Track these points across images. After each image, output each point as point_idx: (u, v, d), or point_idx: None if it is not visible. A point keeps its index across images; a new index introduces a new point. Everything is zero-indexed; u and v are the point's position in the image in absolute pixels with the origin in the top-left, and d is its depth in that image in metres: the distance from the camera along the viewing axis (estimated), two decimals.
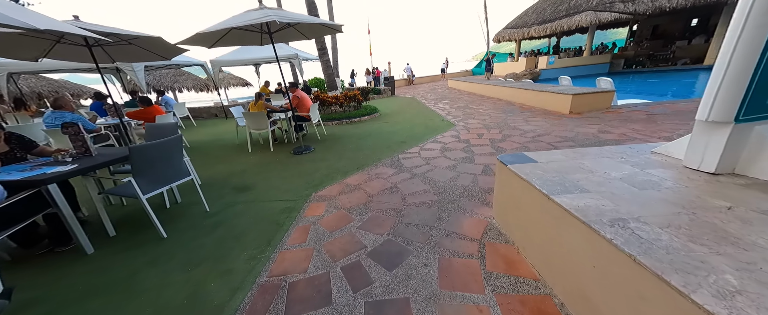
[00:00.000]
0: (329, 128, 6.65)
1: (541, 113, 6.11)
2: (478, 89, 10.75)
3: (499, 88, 8.82)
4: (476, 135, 4.94)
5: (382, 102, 10.98)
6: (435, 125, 6.04)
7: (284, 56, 8.15)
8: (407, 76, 20.14)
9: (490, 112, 6.94)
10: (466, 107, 7.96)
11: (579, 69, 14.52)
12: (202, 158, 4.86)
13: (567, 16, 13.77)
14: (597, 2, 12.85)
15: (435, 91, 13.20)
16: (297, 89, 5.31)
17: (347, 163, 4.11)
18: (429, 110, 8.08)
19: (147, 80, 10.72)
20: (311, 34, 4.79)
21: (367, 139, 5.34)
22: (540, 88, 6.88)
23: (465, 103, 8.79)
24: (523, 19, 17.14)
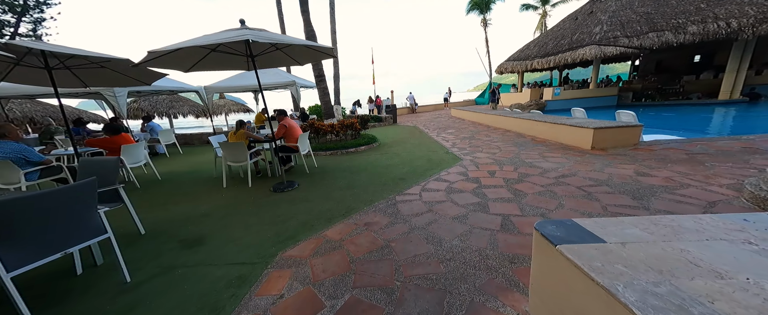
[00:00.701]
0: (322, 159, 6.04)
1: (558, 148, 5.46)
2: (483, 119, 10.29)
3: (507, 118, 8.32)
4: (487, 172, 4.24)
5: (383, 130, 10.52)
6: (439, 159, 5.39)
7: (282, 83, 7.89)
8: (410, 105, 20.10)
9: (499, 144, 6.32)
10: (472, 138, 7.38)
11: (586, 101, 14.19)
12: (165, 195, 4.19)
13: (570, 50, 13.79)
14: (600, 37, 12.89)
15: (438, 120, 12.82)
16: (285, 117, 4.80)
17: (333, 205, 3.40)
18: (432, 141, 7.51)
19: (142, 106, 10.55)
20: (303, 58, 4.39)
21: (361, 174, 4.67)
22: (554, 119, 6.32)
23: (470, 133, 8.24)
24: (526, 52, 17.37)
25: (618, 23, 12.97)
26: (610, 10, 13.88)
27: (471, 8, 22.94)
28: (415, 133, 9.15)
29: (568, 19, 16.55)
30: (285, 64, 4.61)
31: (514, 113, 8.79)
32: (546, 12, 25.04)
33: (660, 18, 11.95)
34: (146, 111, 10.06)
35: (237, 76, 8.17)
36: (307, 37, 6.65)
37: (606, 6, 14.38)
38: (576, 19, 15.72)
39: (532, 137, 6.74)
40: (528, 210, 2.86)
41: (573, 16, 16.38)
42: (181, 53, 3.25)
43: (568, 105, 14.64)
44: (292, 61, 4.45)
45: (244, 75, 8.41)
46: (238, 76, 8.23)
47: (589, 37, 13.38)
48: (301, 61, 4.54)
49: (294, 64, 4.62)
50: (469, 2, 22.93)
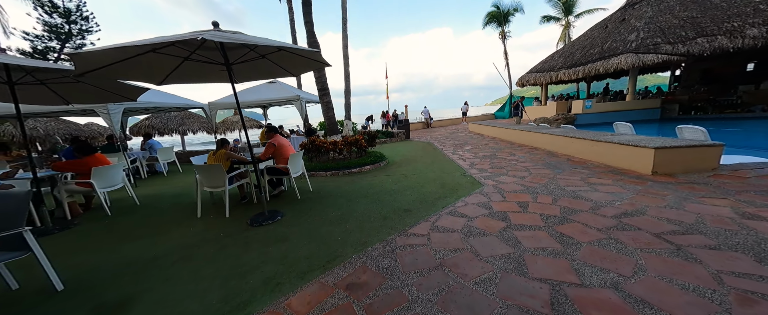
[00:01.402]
0: (320, 181, 5.35)
1: (606, 172, 4.40)
2: (505, 135, 9.28)
3: (535, 134, 7.30)
4: (517, 204, 3.31)
5: (394, 147, 9.78)
6: (454, 183, 4.51)
7: (285, 98, 7.51)
8: (424, 119, 19.37)
9: (527, 165, 5.33)
10: (494, 157, 6.42)
11: (622, 115, 12.71)
12: (129, 226, 3.63)
13: (601, 59, 12.59)
14: (637, 44, 11.65)
15: (454, 136, 11.91)
16: (275, 135, 4.21)
17: (315, 248, 2.63)
18: (446, 159, 6.63)
19: (153, 123, 10.63)
20: (295, 67, 3.83)
21: (360, 202, 3.89)
22: (595, 136, 5.27)
23: (491, 151, 7.27)
24: (550, 63, 16.27)
25: (657, 29, 11.70)
26: (646, 16, 12.66)
27: (488, 21, 22.38)
28: (428, 151, 8.31)
29: (597, 27, 15.41)
30: (278, 75, 4.08)
31: (542, 128, 7.75)
32: (569, 23, 23.88)
33: (709, 22, 10.60)
34: (157, 128, 10.12)
35: (243, 92, 7.91)
36: (311, 47, 6.27)
37: (641, 12, 13.17)
38: (606, 27, 14.57)
39: (568, 157, 5.68)
40: (588, 274, 1.92)
41: (602, 24, 15.24)
42: (139, 61, 2.77)
43: (602, 119, 13.22)
44: (282, 71, 3.90)
45: (250, 90, 8.15)
46: (244, 92, 7.96)
47: (623, 45, 12.17)
48: (294, 71, 3.98)
49: (286, 75, 4.08)
50: (486, 15, 22.43)
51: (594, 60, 13.03)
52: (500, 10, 21.70)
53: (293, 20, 13.46)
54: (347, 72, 12.66)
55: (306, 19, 6.16)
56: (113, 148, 5.99)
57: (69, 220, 3.63)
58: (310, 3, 6.06)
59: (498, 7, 21.67)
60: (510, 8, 21.47)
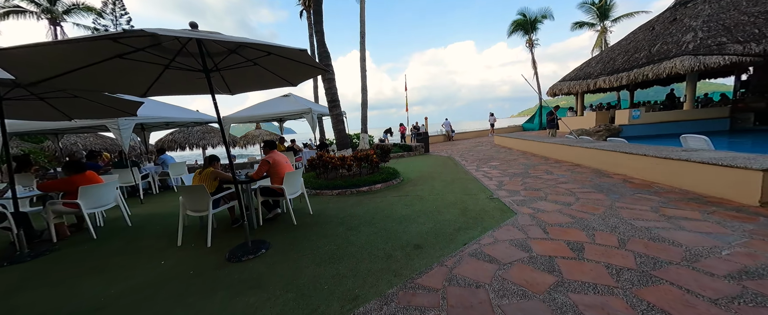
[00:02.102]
0: (323, 201, 4.79)
1: (684, 199, 3.34)
2: (538, 149, 8.20)
3: (575, 148, 6.23)
4: (566, 246, 2.45)
5: (411, 162, 9.07)
6: (479, 209, 3.70)
7: (298, 111, 7.25)
8: (446, 132, 18.48)
9: (571, 186, 4.36)
10: (526, 175, 5.48)
11: (681, 126, 10.94)
12: (105, 254, 3.28)
13: (650, 63, 11.10)
14: (696, 45, 10.10)
15: (478, 149, 10.93)
16: (272, 151, 3.75)
17: (293, 303, 2.00)
18: (469, 177, 5.79)
19: (176, 137, 10.98)
20: (292, 75, 3.39)
21: (362, 231, 3.24)
22: (660, 151, 4.19)
23: (522, 167, 6.30)
24: (586, 70, 14.84)
25: (720, 28, 10.10)
26: (703, 15, 11.07)
27: (514, 29, 21.42)
28: (448, 166, 7.50)
29: (641, 30, 13.87)
30: (275, 85, 3.67)
31: (584, 141, 6.63)
32: (606, 28, 22.13)
33: None
34: (179, 142, 10.43)
35: (256, 106, 7.83)
36: (320, 59, 5.95)
37: (696, 11, 11.59)
38: (653, 29, 13.02)
39: (624, 177, 4.60)
40: None
41: (648, 26, 13.69)
42: (110, 69, 2.45)
43: (653, 131, 11.49)
44: (279, 79, 3.48)
45: (264, 104, 8.04)
46: (258, 106, 7.87)
47: (677, 47, 10.63)
48: (292, 80, 3.55)
49: (285, 85, 3.66)
50: (511, 24, 21.51)
51: (640, 65, 11.54)
52: (527, 17, 20.71)
53: (312, 35, 13.66)
54: (364, 85, 12.38)
55: (316, 29, 5.91)
56: (122, 164, 5.98)
57: (51, 244, 3.39)
58: (321, 13, 5.83)
59: (525, 15, 20.71)
60: (538, 15, 20.40)
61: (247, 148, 15.10)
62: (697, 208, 3.03)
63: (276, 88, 3.79)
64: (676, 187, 3.81)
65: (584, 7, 22.62)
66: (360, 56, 12.40)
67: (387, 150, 6.45)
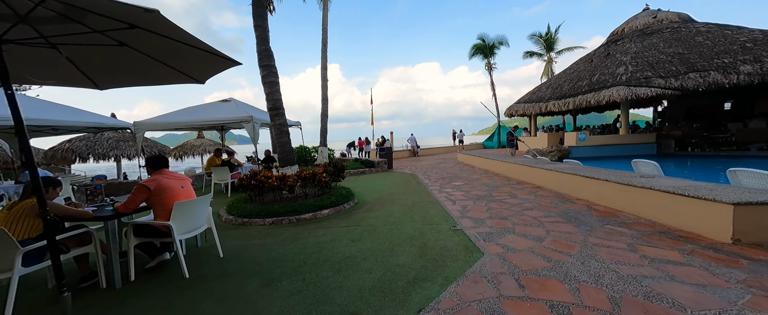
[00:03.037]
0: (249, 234, 3.72)
1: (655, 233, 3.05)
2: (500, 168, 8.05)
3: (536, 170, 6.06)
4: (548, 309, 1.82)
5: (370, 181, 8.30)
6: (440, 247, 3.00)
7: (234, 118, 6.08)
8: (411, 148, 18.26)
9: (538, 214, 3.95)
10: (491, 198, 5.04)
11: (618, 148, 12.00)
12: None
13: (592, 91, 12.16)
14: (628, 77, 11.30)
15: (442, 166, 10.63)
16: (160, 172, 2.65)
17: None
18: (431, 200, 5.18)
19: (75, 146, 8.68)
20: (189, 67, 2.43)
21: (280, 288, 2.30)
22: (622, 177, 4.02)
23: (486, 189, 5.92)
24: (538, 94, 15.95)
25: (646, 63, 11.50)
26: (631, 52, 12.62)
27: (474, 53, 22.72)
28: (410, 186, 6.87)
29: (582, 61, 15.45)
30: (171, 80, 2.66)
31: (545, 163, 6.55)
32: (551, 58, 24.72)
33: (698, 58, 10.41)
34: (79, 153, 8.22)
35: (181, 111, 6.44)
36: (261, 58, 5.00)
37: (625, 48, 13.20)
38: (591, 61, 14.54)
39: (587, 203, 4.36)
40: None
41: (587, 58, 15.29)
42: None
43: (596, 153, 12.44)
44: (173, 72, 2.48)
45: (192, 109, 6.68)
46: (184, 111, 6.49)
47: (613, 78, 11.84)
48: (195, 74, 2.57)
49: (186, 81, 2.67)
50: (472, 47, 22.81)
51: (583, 92, 12.62)
52: (486, 42, 22.14)
53: None
54: (325, 94, 11.53)
55: (256, 23, 4.99)
56: None
57: None
58: (263, 4, 4.95)
59: (484, 39, 22.13)
60: (495, 41, 21.94)
61: (185, 159, 12.95)
62: (674, 246, 2.70)
63: (176, 83, 2.76)
64: (642, 217, 3.58)
65: (533, 39, 25.09)
66: (321, 64, 11.62)
67: (340, 167, 5.58)
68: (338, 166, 5.62)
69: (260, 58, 5.08)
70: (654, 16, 13.89)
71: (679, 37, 12.02)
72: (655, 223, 3.36)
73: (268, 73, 5.04)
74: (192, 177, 8.11)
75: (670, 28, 12.88)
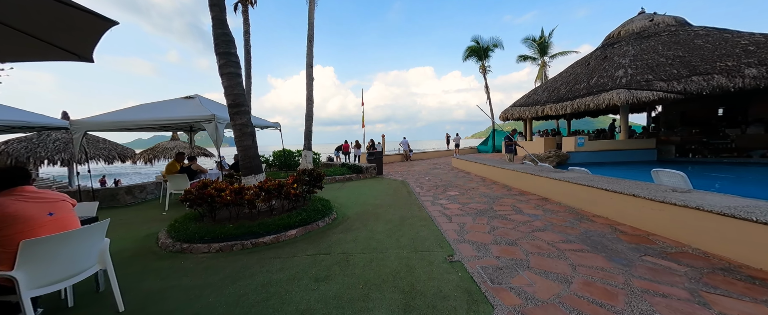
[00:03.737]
0: (182, 267, 2.83)
1: (710, 268, 2.32)
2: (498, 175, 7.33)
3: (541, 179, 5.35)
4: None
5: (356, 189, 7.46)
6: (433, 293, 2.19)
7: (193, 118, 5.16)
8: (403, 151, 17.50)
9: (554, 237, 3.19)
10: (493, 214, 4.27)
11: (618, 154, 11.52)
12: None
13: (590, 94, 11.68)
14: (627, 81, 10.86)
15: (436, 173, 9.87)
16: (7, 194, 1.75)
17: None
18: (424, 217, 4.37)
19: (12, 149, 7.53)
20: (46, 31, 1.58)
21: None
22: (653, 193, 3.30)
23: (485, 200, 5.16)
24: (534, 97, 15.48)
25: (645, 66, 11.09)
26: (629, 54, 12.25)
27: (469, 55, 22.27)
28: (399, 196, 6.06)
29: (579, 64, 15.07)
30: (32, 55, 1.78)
31: (549, 170, 5.85)
32: (545, 62, 24.54)
33: (699, 61, 10.04)
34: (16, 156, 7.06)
35: (130, 109, 5.47)
36: (218, 45, 4.11)
37: (622, 50, 12.84)
38: (588, 64, 14.16)
39: (607, 222, 3.63)
40: None
41: (583, 61, 14.92)
42: None
43: (596, 158, 11.93)
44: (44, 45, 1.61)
45: (146, 107, 5.72)
46: (133, 109, 5.52)
47: (612, 81, 11.39)
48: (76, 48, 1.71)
49: (66, 56, 1.79)
50: (466, 49, 22.37)
51: (582, 95, 12.14)
52: (480, 45, 21.71)
53: None
54: (310, 93, 10.66)
55: (212, 1, 4.13)
56: None
57: None
58: None
59: (478, 42, 21.70)
60: (489, 44, 21.53)
61: (155, 162, 11.81)
62: (754, 296, 1.96)
63: (53, 60, 1.88)
64: (685, 243, 2.86)
65: (527, 42, 24.87)
66: (307, 61, 10.74)
67: (317, 176, 4.72)
68: (314, 175, 4.76)
69: (217, 44, 4.19)
70: (650, 20, 13.62)
71: (678, 40, 11.70)
72: (707, 253, 2.63)
73: (227, 63, 4.17)
74: (152, 184, 7.09)
75: (668, 31, 12.59)
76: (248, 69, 10.43)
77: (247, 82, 10.36)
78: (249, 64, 10.38)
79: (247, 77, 10.34)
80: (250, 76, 10.40)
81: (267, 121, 7.96)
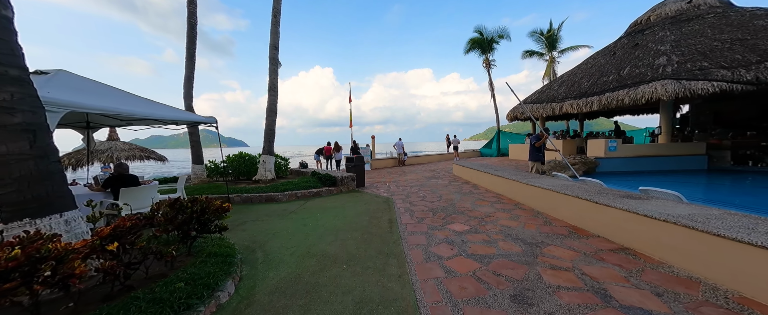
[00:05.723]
0: None
1: None
2: (522, 194, 5.09)
3: (620, 213, 3.09)
4: None
5: (314, 213, 5.19)
6: None
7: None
8: (397, 155, 15.24)
9: None
10: (542, 284, 2.00)
11: (658, 161, 9.32)
12: None
13: (623, 88, 9.49)
14: (673, 69, 8.68)
15: (433, 185, 7.62)
16: None
17: None
18: (405, 297, 2.11)
19: None
20: None
21: None
22: None
23: (521, 252, 2.89)
24: (548, 93, 13.29)
25: (696, 52, 8.93)
26: (668, 40, 10.09)
27: (471, 48, 20.08)
28: (373, 235, 3.79)
29: (602, 54, 12.90)
30: None
31: (641, 200, 3.59)
32: (554, 58, 22.41)
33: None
34: None
35: None
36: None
37: (658, 36, 10.68)
38: (614, 53, 11.99)
39: None
40: None
41: (607, 51, 12.76)
42: None
43: (631, 166, 9.67)
44: None
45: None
46: None
47: (651, 70, 9.21)
48: None
49: None
50: (468, 42, 20.18)
51: (612, 88, 9.95)
52: (484, 36, 19.55)
53: None
54: (274, 82, 8.39)
55: None
56: None
57: None
58: None
59: (481, 33, 19.53)
60: (494, 35, 19.36)
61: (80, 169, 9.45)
62: None
63: None
64: None
65: (534, 36, 22.77)
66: (271, 41, 8.48)
67: (200, 212, 2.45)
68: (209, 207, 2.47)
69: None
70: (688, 2, 11.49)
71: (731, 22, 9.57)
72: None
73: None
74: None
75: (713, 13, 10.46)
76: (192, 47, 8.13)
77: (190, 64, 8.06)
78: (192, 41, 8.10)
79: (190, 58, 8.04)
80: (192, 58, 8.11)
81: (196, 116, 5.69)
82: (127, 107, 4.11)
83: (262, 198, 6.11)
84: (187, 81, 7.88)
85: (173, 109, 5.29)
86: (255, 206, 5.72)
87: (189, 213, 2.35)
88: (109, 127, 8.13)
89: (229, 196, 6.05)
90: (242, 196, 6.08)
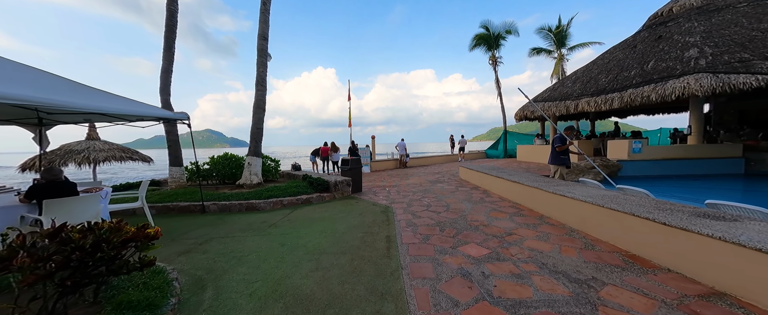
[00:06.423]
0: None
1: None
2: (546, 204, 4.24)
3: (685, 234, 2.24)
4: None
5: (297, 228, 4.38)
6: None
7: None
8: (399, 156, 14.42)
9: None
10: None
11: (689, 165, 8.40)
12: None
13: (649, 83, 8.60)
14: (707, 62, 7.78)
15: (438, 191, 6.78)
16: None
17: None
18: None
19: None
20: None
21: None
22: None
23: (565, 289, 2.06)
24: (562, 91, 12.39)
25: (732, 43, 8.02)
26: (697, 31, 9.18)
27: (476, 44, 19.21)
28: (365, 261, 2.98)
29: (620, 48, 11.98)
30: None
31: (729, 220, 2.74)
32: (563, 55, 21.46)
33: None
34: None
35: None
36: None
37: (684, 27, 9.77)
38: (634, 47, 11.07)
39: None
40: None
41: (627, 44, 11.83)
42: None
43: (659, 170, 8.64)
44: None
45: None
46: None
47: (681, 64, 8.31)
48: None
49: None
50: (474, 37, 19.30)
51: (635, 84, 9.05)
52: (490, 32, 18.67)
53: None
54: (262, 75, 7.61)
55: None
56: None
57: None
58: None
59: (488, 28, 18.66)
60: (501, 30, 18.48)
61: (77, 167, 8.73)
62: None
63: None
64: None
65: (542, 33, 21.86)
66: (259, 31, 7.70)
67: (99, 242, 1.65)
68: (96, 244, 1.66)
69: None
70: None
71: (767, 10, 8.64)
72: None
73: None
74: None
75: (746, 1, 9.52)
76: (171, 36, 7.37)
77: (168, 55, 7.29)
78: (171, 30, 7.33)
79: (168, 49, 7.28)
80: (171, 48, 7.35)
81: (164, 112, 4.90)
82: (63, 98, 3.32)
83: (242, 206, 5.31)
84: (164, 73, 7.12)
85: (139, 103, 4.49)
86: (232, 217, 4.92)
87: (69, 251, 1.53)
88: (73, 124, 7.37)
89: (205, 203, 5.26)
90: (219, 205, 5.29)
